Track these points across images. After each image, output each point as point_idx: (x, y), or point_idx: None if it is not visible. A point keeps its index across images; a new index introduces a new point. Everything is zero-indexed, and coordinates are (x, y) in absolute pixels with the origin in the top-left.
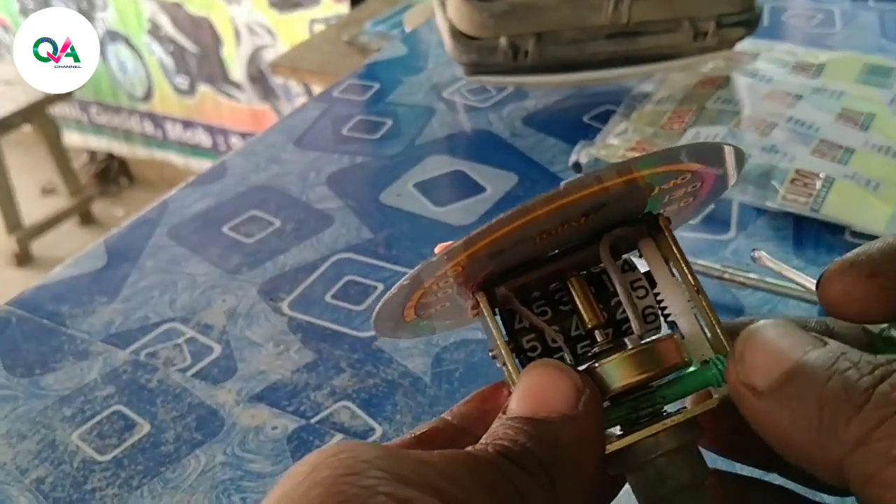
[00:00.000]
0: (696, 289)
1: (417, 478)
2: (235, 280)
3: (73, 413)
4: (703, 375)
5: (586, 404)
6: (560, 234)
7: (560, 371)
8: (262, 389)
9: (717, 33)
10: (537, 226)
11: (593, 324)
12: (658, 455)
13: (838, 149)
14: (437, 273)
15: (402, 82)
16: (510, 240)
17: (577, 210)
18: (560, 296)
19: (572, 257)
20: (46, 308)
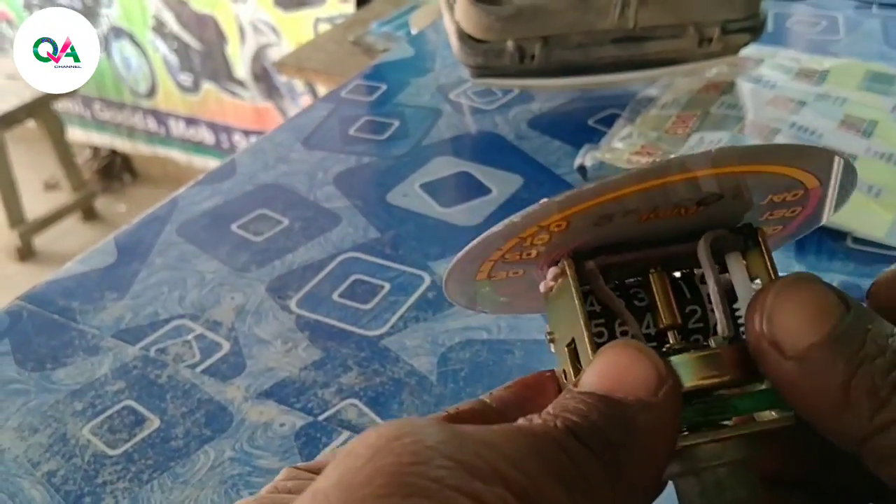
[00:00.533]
0: None
1: (484, 465)
2: (244, 278)
3: (84, 407)
4: (773, 395)
5: (667, 393)
6: (666, 217)
7: (643, 354)
8: (270, 386)
9: (721, 39)
10: (657, 197)
11: (669, 322)
12: (721, 463)
13: None
14: (542, 222)
15: (409, 84)
16: (623, 207)
17: (698, 192)
18: (636, 292)
19: (666, 249)
20: (57, 303)
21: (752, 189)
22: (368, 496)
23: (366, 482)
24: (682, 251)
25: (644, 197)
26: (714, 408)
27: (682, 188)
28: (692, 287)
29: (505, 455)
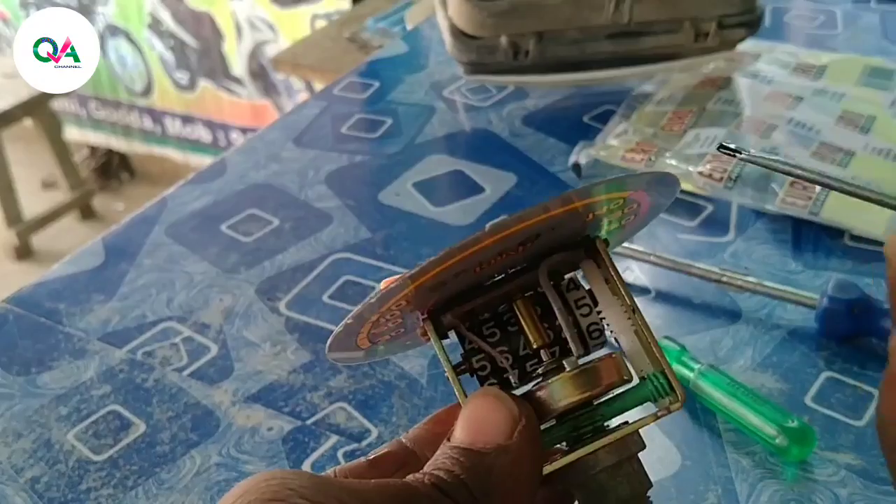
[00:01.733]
0: (633, 308)
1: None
2: (233, 279)
3: (69, 412)
4: (641, 392)
5: (521, 433)
6: (498, 263)
7: (498, 401)
8: (258, 390)
9: (718, 34)
10: (477, 258)
11: (538, 344)
12: (598, 471)
13: (838, 151)
14: (381, 310)
15: (403, 81)
16: (450, 273)
17: (515, 241)
18: (508, 317)
19: (516, 282)
20: (44, 306)
21: (569, 220)
22: None
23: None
24: (529, 280)
25: (464, 263)
26: (584, 420)
27: (501, 244)
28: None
29: (365, 500)
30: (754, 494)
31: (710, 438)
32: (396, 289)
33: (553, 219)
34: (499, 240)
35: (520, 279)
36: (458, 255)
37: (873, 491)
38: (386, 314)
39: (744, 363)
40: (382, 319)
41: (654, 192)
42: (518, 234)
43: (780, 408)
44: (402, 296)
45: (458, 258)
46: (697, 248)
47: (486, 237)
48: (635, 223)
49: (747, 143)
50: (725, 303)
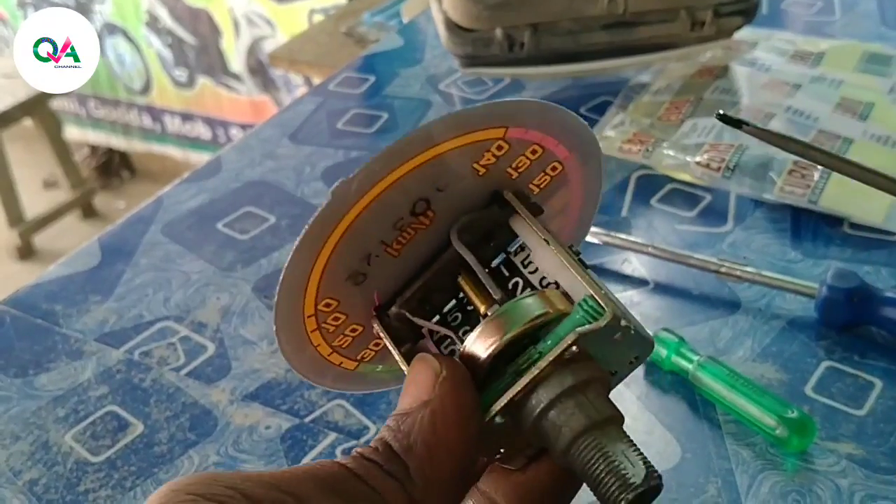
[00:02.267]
0: (547, 241)
1: (235, 493)
2: (230, 278)
3: (67, 413)
4: (572, 319)
5: (441, 385)
6: (412, 239)
7: (422, 361)
8: (255, 388)
9: (714, 22)
10: (367, 227)
11: (484, 308)
12: (543, 409)
13: (837, 139)
14: (305, 312)
15: (399, 75)
16: (347, 258)
17: (402, 201)
18: (464, 299)
19: (443, 259)
20: (40, 307)
21: (447, 172)
22: None
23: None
24: (456, 253)
25: (349, 240)
26: (521, 364)
27: (376, 213)
28: (510, 266)
29: (266, 482)
30: (755, 486)
31: (710, 430)
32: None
33: (427, 164)
34: (374, 197)
35: (443, 257)
36: (342, 222)
37: (874, 481)
38: (329, 327)
39: (743, 354)
40: (332, 336)
41: (572, 148)
42: (396, 188)
43: (780, 398)
44: (312, 296)
45: (334, 238)
46: (696, 239)
47: (353, 197)
48: (573, 217)
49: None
50: (724, 293)
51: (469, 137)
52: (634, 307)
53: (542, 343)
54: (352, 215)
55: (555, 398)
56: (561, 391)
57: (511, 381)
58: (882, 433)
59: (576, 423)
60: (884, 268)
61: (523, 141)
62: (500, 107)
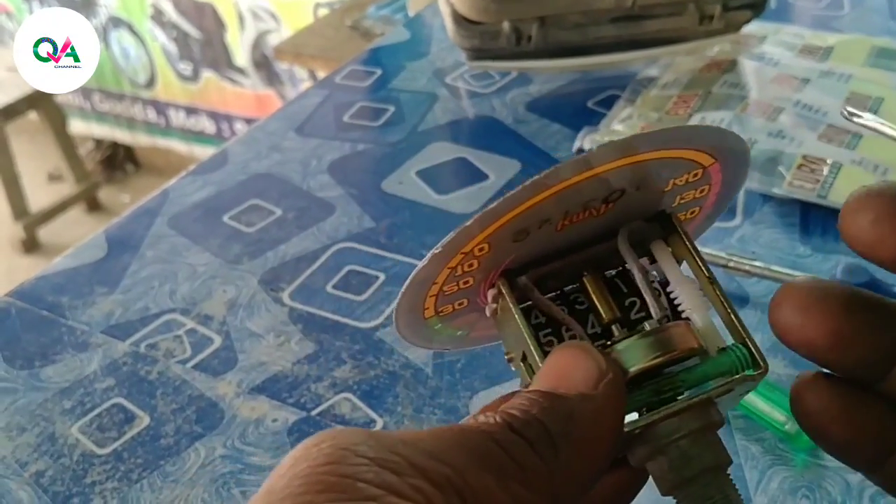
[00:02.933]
0: (710, 279)
1: (399, 459)
2: (236, 270)
3: (73, 405)
4: (722, 362)
5: (607, 385)
6: (580, 221)
7: (584, 351)
8: (262, 381)
9: (723, 16)
10: (564, 202)
11: (609, 318)
12: (681, 436)
13: (846, 134)
14: (464, 248)
15: (405, 68)
16: (537, 217)
17: (602, 191)
18: (575, 297)
19: (590, 251)
20: (46, 299)
21: (652, 177)
22: (286, 497)
23: (286, 486)
24: (606, 249)
25: (553, 202)
26: (664, 386)
27: (586, 188)
28: (627, 282)
29: (424, 450)
30: (764, 481)
31: None
32: (477, 223)
33: (644, 164)
34: (593, 175)
35: (593, 249)
36: (552, 187)
37: None
38: (457, 270)
39: None
40: (451, 279)
41: (726, 165)
42: (612, 173)
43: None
44: (482, 238)
45: (551, 190)
46: (704, 234)
47: (590, 165)
48: (701, 217)
49: (754, 126)
50: (733, 288)
51: (686, 153)
52: None
53: (687, 374)
54: (570, 182)
55: (693, 431)
56: (700, 426)
57: (649, 398)
58: None
59: (706, 460)
60: None
61: (709, 170)
62: (722, 137)
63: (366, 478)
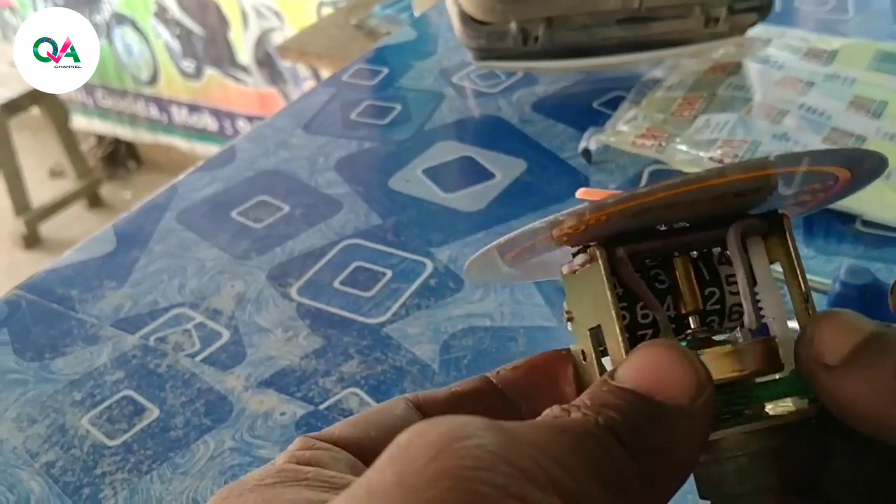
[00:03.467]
0: (805, 296)
1: (540, 472)
2: (244, 265)
3: (83, 397)
4: (793, 382)
5: (705, 402)
6: (699, 207)
7: (686, 358)
8: (270, 375)
9: (728, 19)
10: (701, 193)
11: (692, 307)
12: (743, 453)
13: (850, 137)
14: (584, 218)
15: (412, 67)
16: (667, 201)
17: (742, 187)
18: (656, 273)
19: (693, 236)
20: (56, 292)
21: (790, 183)
22: (433, 499)
23: (429, 485)
24: (708, 237)
25: (690, 194)
26: (738, 398)
27: (730, 186)
28: (710, 268)
29: (555, 459)
30: None
31: None
32: (614, 203)
33: (791, 174)
34: (742, 178)
35: (694, 235)
36: (702, 182)
37: None
38: (563, 228)
39: None
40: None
41: (859, 178)
42: (764, 179)
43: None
44: (612, 211)
45: (698, 185)
46: None
47: (726, 174)
48: (809, 205)
49: (758, 128)
50: None
51: (832, 168)
52: None
53: (763, 390)
54: (726, 179)
55: (758, 450)
56: (764, 447)
57: (721, 408)
58: None
59: (761, 481)
60: None
61: (842, 180)
62: (868, 159)
63: (516, 493)
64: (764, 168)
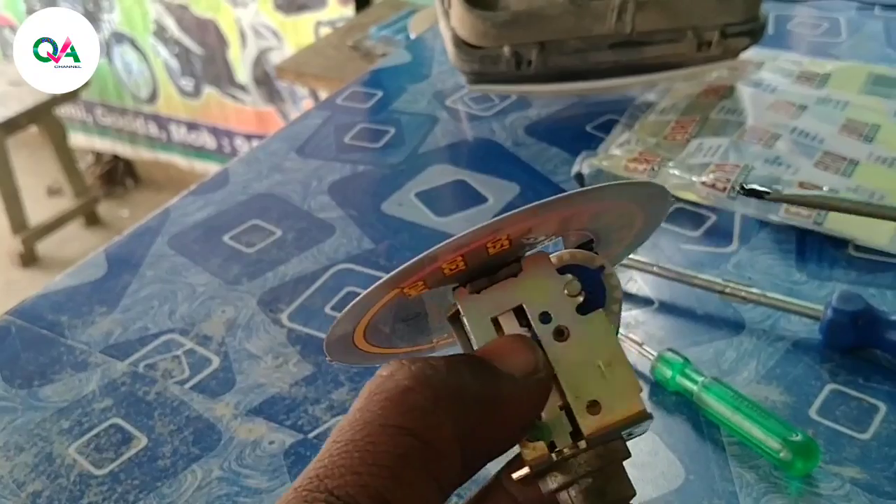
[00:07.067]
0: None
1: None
2: (235, 291)
3: (71, 425)
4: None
5: (538, 384)
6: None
7: (529, 346)
8: (260, 403)
9: (721, 43)
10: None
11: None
12: (593, 470)
13: (842, 161)
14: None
15: (406, 90)
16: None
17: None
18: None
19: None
20: (46, 318)
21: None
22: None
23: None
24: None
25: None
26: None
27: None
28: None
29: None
30: None
31: (714, 452)
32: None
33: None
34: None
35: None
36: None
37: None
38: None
39: (747, 375)
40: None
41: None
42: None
43: (785, 421)
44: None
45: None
46: (701, 259)
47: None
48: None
49: (751, 152)
50: (729, 314)
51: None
52: (639, 327)
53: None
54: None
55: (606, 466)
56: (611, 461)
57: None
58: (886, 457)
59: (617, 492)
60: (889, 291)
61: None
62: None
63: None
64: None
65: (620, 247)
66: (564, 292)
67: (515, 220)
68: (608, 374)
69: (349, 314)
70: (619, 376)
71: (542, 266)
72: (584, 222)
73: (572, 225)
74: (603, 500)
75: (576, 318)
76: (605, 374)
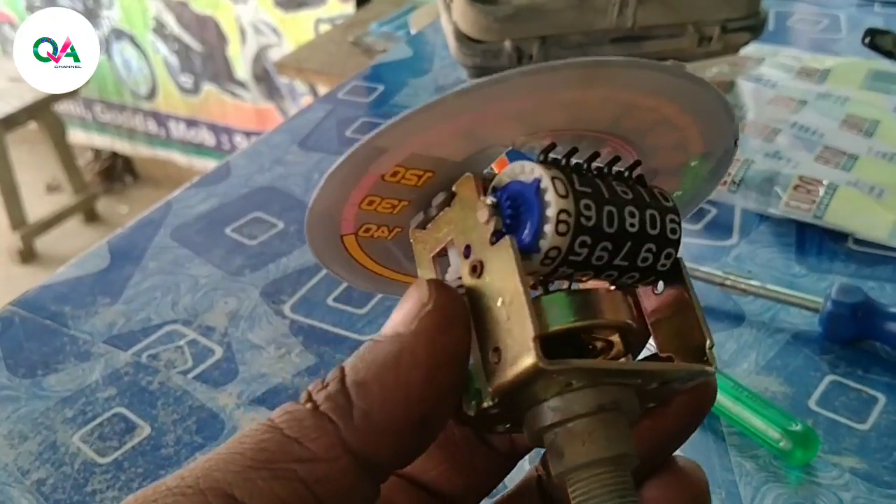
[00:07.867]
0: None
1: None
2: (237, 282)
3: (75, 414)
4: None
5: (423, 319)
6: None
7: (417, 285)
8: (262, 393)
9: (721, 38)
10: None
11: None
12: (598, 410)
13: (842, 155)
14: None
15: (407, 84)
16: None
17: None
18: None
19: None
20: (49, 308)
21: None
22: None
23: None
24: None
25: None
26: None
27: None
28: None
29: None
30: (758, 498)
31: (714, 442)
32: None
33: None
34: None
35: None
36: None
37: (877, 495)
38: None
39: (747, 367)
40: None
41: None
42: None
43: (784, 411)
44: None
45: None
46: (701, 252)
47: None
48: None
49: (752, 147)
50: (729, 306)
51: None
52: None
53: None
54: None
55: (613, 409)
56: (621, 408)
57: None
58: (885, 447)
59: (622, 447)
60: (888, 283)
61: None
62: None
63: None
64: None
65: (684, 177)
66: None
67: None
68: (509, 316)
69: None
70: (515, 319)
71: (467, 190)
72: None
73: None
74: (601, 451)
75: (486, 249)
76: (507, 315)
